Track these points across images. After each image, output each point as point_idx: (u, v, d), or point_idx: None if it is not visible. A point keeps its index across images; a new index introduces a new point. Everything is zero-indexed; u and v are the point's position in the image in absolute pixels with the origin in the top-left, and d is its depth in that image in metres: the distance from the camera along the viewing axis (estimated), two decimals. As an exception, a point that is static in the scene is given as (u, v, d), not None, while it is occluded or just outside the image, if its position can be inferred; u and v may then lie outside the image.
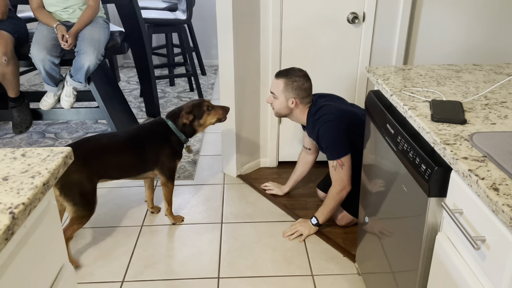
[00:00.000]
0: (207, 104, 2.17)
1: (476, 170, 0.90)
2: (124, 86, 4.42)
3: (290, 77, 2.04)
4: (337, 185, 2.04)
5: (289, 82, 2.04)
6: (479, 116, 1.18)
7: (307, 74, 2.08)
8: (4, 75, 2.68)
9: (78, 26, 2.70)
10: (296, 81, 2.04)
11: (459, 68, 1.64)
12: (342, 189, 2.04)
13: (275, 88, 2.08)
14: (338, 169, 2.01)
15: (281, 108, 2.10)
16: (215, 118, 2.19)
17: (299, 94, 2.05)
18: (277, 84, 2.07)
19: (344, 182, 2.03)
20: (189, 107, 2.14)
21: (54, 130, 3.39)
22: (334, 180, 2.05)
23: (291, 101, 2.06)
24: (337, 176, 2.03)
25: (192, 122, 2.13)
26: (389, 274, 1.46)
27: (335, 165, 2.01)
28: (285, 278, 1.91)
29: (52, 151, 0.94)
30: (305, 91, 2.06)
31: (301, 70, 2.08)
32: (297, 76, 2.04)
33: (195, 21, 4.73)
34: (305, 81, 2.06)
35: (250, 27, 2.47)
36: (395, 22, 2.46)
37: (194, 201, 2.49)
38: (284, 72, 2.08)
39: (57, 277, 0.95)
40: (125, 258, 2.03)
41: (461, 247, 0.98)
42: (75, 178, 1.85)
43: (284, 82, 2.05)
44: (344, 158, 2.00)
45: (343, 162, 2.00)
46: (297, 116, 2.13)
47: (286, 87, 2.05)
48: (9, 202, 0.75)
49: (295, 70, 2.08)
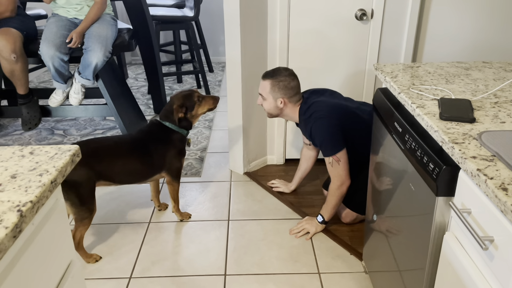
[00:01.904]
0: (197, 94, 2.15)
1: (484, 169, 0.89)
2: (132, 83, 4.44)
3: (276, 78, 2.05)
4: (336, 181, 2.04)
5: (275, 82, 2.05)
6: (488, 115, 1.17)
7: (293, 73, 2.09)
8: (13, 72, 2.71)
9: (84, 24, 2.71)
10: (282, 80, 2.05)
11: (468, 65, 1.62)
12: (342, 184, 2.04)
13: (263, 90, 2.09)
14: (334, 165, 2.01)
15: (271, 109, 2.11)
16: (206, 108, 2.18)
17: (287, 93, 2.06)
18: (264, 86, 2.08)
19: (343, 177, 2.03)
20: (180, 99, 2.11)
21: (62, 127, 3.42)
22: (332, 176, 2.05)
23: (280, 101, 2.07)
24: (335, 172, 2.03)
25: (185, 115, 2.12)
26: (396, 273, 1.46)
27: (331, 161, 2.01)
28: (291, 276, 1.91)
29: (60, 149, 0.94)
30: (292, 90, 2.06)
31: (287, 69, 2.09)
32: (283, 76, 2.05)
33: (202, 18, 4.73)
34: (291, 80, 2.06)
35: (258, 24, 2.46)
36: (404, 19, 2.44)
37: (201, 198, 2.50)
38: (270, 73, 2.09)
39: (65, 274, 0.95)
40: (133, 255, 2.04)
41: (469, 247, 0.98)
42: (73, 177, 1.81)
43: (270, 83, 2.06)
44: (339, 154, 2.00)
45: (339, 158, 2.00)
46: (288, 115, 2.14)
47: (273, 87, 2.06)
48: (17, 200, 0.76)
49: (280, 70, 2.09)
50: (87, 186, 1.88)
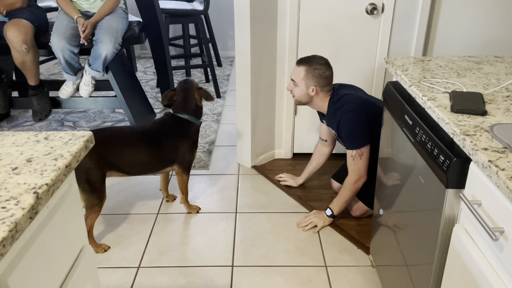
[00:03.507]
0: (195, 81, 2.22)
1: (496, 161, 0.89)
2: (141, 76, 4.46)
3: (311, 65, 2.04)
4: (353, 175, 2.04)
5: (310, 69, 2.03)
6: (500, 108, 1.16)
7: (329, 62, 2.07)
8: (24, 63, 2.73)
9: (98, 16, 2.73)
10: (318, 68, 2.03)
11: (480, 59, 1.61)
12: (359, 179, 2.04)
13: (296, 76, 2.07)
14: (356, 159, 2.01)
15: (302, 96, 2.10)
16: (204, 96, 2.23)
17: (320, 82, 2.05)
18: (298, 72, 2.06)
19: (361, 172, 2.02)
20: (196, 87, 2.17)
21: (72, 118, 3.44)
22: (351, 170, 2.04)
23: (312, 89, 2.06)
24: (355, 166, 2.02)
25: None
26: (403, 267, 1.46)
27: (354, 154, 2.01)
28: (298, 268, 1.92)
29: (74, 135, 0.96)
30: (326, 79, 2.05)
31: (323, 58, 2.07)
32: (318, 64, 2.04)
33: (212, 12, 4.73)
34: (327, 69, 2.05)
35: (268, 17, 2.46)
36: (415, 14, 2.43)
37: (209, 190, 2.51)
38: (305, 59, 2.07)
39: (77, 258, 0.97)
40: (141, 245, 2.06)
41: (478, 239, 0.98)
42: (84, 164, 1.84)
43: (305, 69, 2.04)
44: (363, 148, 1.99)
45: (362, 152, 2.00)
46: (317, 104, 2.13)
47: (307, 74, 2.04)
48: (33, 183, 0.77)
49: (316, 57, 2.07)
50: (98, 173, 1.91)
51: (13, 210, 0.70)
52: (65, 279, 0.90)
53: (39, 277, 0.79)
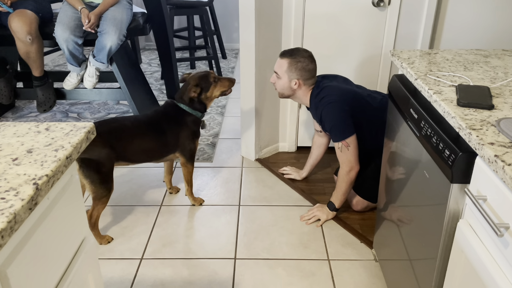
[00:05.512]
0: (213, 75, 2.13)
1: (502, 156, 0.88)
2: (146, 68, 4.45)
3: (294, 57, 2.01)
4: (344, 166, 2.03)
5: (294, 62, 2.01)
6: (507, 102, 1.14)
7: (312, 55, 2.05)
8: (28, 53, 2.73)
9: (102, 7, 2.72)
10: (301, 61, 2.01)
11: (487, 53, 1.59)
12: (350, 170, 2.02)
13: (279, 68, 2.05)
14: (344, 150, 2.00)
15: (284, 89, 2.08)
16: (220, 91, 2.15)
17: (303, 75, 2.02)
18: (281, 64, 2.04)
19: (352, 163, 2.01)
20: (196, 80, 2.10)
21: (77, 110, 3.45)
22: (341, 162, 2.04)
23: (294, 82, 2.04)
24: (344, 157, 2.01)
25: (199, 96, 2.09)
26: (406, 262, 1.45)
27: (341, 146, 1.99)
28: (301, 261, 1.91)
29: (75, 126, 0.95)
30: (309, 72, 2.03)
31: (306, 51, 2.05)
32: (302, 57, 2.01)
33: (217, 4, 4.70)
34: (310, 62, 2.03)
35: (273, 9, 2.44)
36: (422, 7, 2.39)
37: (212, 183, 2.51)
38: (289, 52, 2.05)
39: (78, 250, 0.97)
40: (144, 237, 2.07)
41: (483, 235, 0.96)
42: (94, 155, 1.86)
43: (288, 62, 2.02)
44: (349, 139, 1.98)
45: (348, 143, 1.98)
46: (300, 97, 2.11)
47: (290, 67, 2.02)
48: (33, 174, 0.77)
49: (300, 50, 2.05)
50: (108, 165, 1.92)
51: (12, 201, 0.69)
52: (66, 271, 0.90)
53: (39, 268, 0.79)
